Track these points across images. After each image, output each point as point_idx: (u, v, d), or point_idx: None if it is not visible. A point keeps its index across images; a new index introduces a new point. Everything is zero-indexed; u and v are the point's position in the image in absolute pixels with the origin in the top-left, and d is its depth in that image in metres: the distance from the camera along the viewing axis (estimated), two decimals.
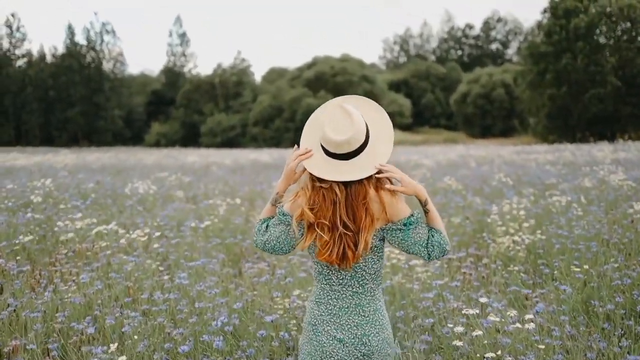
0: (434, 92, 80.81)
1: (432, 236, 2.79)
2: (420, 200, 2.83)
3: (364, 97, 2.90)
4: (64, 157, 26.41)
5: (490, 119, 70.16)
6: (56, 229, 7.61)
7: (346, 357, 2.82)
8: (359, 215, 2.74)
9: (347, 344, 2.82)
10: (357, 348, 2.82)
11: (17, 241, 6.97)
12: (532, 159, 20.49)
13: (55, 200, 10.14)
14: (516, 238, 6.93)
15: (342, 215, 2.75)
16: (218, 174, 16.60)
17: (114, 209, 9.82)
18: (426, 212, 2.85)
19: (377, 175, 2.77)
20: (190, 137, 69.49)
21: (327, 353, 2.84)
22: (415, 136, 67.29)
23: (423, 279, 5.46)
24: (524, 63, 57.42)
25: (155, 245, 6.35)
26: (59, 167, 19.44)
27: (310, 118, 2.94)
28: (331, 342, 2.83)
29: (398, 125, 71.03)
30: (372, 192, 2.76)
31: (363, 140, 2.75)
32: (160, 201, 10.71)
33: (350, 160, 2.75)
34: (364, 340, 2.82)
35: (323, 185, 2.77)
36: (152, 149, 51.04)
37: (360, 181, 2.75)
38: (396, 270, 5.92)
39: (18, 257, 6.65)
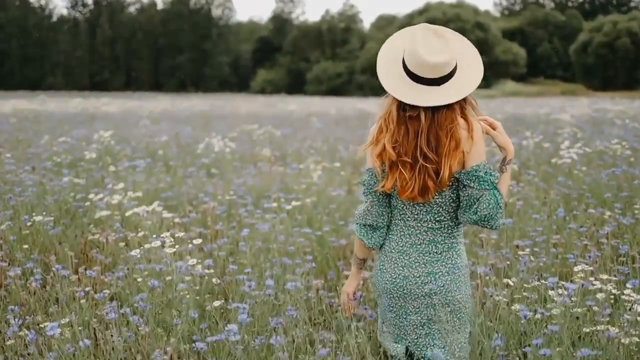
0: (551, 41, 77.29)
1: (495, 195, 2.65)
2: (505, 157, 2.76)
3: (444, 27, 2.71)
4: (156, 104, 24.95)
5: (613, 70, 67.34)
6: (87, 203, 5.69)
7: (409, 293, 2.76)
8: (442, 141, 2.62)
9: (411, 281, 2.76)
10: (420, 286, 2.75)
11: (30, 218, 5.10)
12: None
13: (113, 158, 8.31)
14: None
15: (423, 146, 2.62)
16: (317, 126, 14.28)
17: (180, 172, 7.78)
18: (502, 171, 2.75)
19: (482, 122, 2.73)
20: (295, 85, 68.89)
21: (388, 290, 2.81)
22: (530, 87, 65.26)
23: None
24: None
25: (209, 248, 4.25)
26: (143, 115, 17.75)
27: (385, 44, 2.77)
28: (394, 278, 2.79)
29: (512, 76, 70.13)
30: (460, 119, 2.65)
31: (455, 64, 2.64)
32: (239, 163, 8.64)
33: (441, 86, 2.61)
34: (429, 278, 2.75)
35: (412, 113, 2.63)
36: (256, 96, 49.86)
37: (449, 106, 2.62)
38: None
39: (26, 246, 4.79)
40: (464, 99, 2.68)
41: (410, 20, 70.89)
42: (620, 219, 5.74)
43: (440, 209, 2.75)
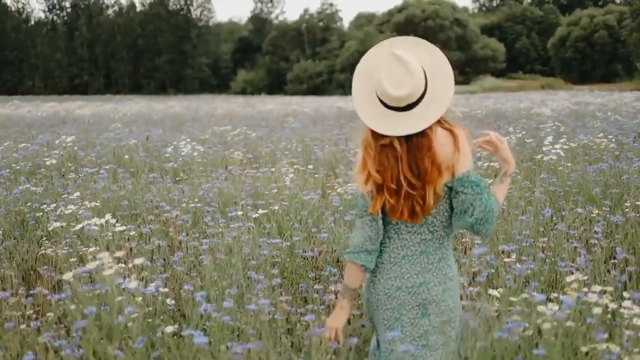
0: (530, 36, 78.25)
1: (487, 198, 2.67)
2: (506, 170, 2.83)
3: (415, 37, 2.74)
4: (131, 107, 24.37)
5: (591, 63, 67.86)
6: (40, 214, 5.25)
7: (403, 304, 2.74)
8: (423, 168, 2.62)
9: (404, 292, 2.75)
10: (414, 297, 2.74)
11: None
12: None
13: (77, 164, 7.85)
14: None
15: (405, 172, 2.63)
16: (294, 126, 13.79)
17: (146, 178, 7.28)
18: (501, 181, 2.82)
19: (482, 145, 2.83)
20: (276, 85, 68.76)
21: (382, 301, 2.78)
22: (510, 82, 65.77)
23: None
24: (635, 2, 53.41)
25: (162, 263, 3.84)
26: (116, 118, 17.19)
27: (359, 66, 2.78)
28: (387, 290, 2.77)
29: (491, 71, 71.12)
30: (441, 131, 2.64)
31: (423, 90, 2.62)
32: (209, 167, 8.18)
33: (409, 112, 2.60)
34: (422, 288, 2.74)
35: (384, 142, 2.64)
36: (236, 97, 49.36)
37: (423, 132, 2.61)
38: None
39: None
40: None
41: (389, 17, 71.25)
42: (610, 217, 5.43)
43: (435, 220, 2.74)
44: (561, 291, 4.12)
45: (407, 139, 2.61)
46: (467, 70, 68.37)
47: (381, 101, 2.63)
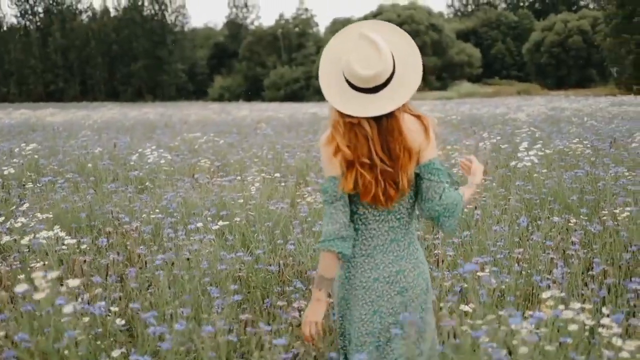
0: (505, 42, 78.42)
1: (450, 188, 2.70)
2: (473, 182, 2.91)
3: (385, 22, 2.73)
4: (104, 113, 23.91)
5: (566, 69, 68.17)
6: None
7: (381, 295, 2.72)
8: (395, 153, 2.60)
9: (382, 282, 2.73)
10: (392, 286, 2.73)
11: None
12: None
13: (38, 174, 7.52)
14: None
15: (378, 151, 2.60)
16: (267, 132, 13.47)
17: (108, 187, 6.94)
18: (468, 186, 2.89)
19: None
20: (253, 91, 68.41)
21: (360, 296, 2.74)
22: (486, 88, 66.03)
23: None
24: (608, 7, 54.03)
25: (113, 280, 3.58)
26: (86, 125, 16.77)
27: (326, 49, 2.74)
28: (364, 283, 2.74)
29: (467, 77, 71.63)
30: (409, 117, 2.65)
31: (391, 71, 2.59)
32: (177, 175, 7.88)
33: (377, 94, 2.58)
34: (399, 277, 2.73)
35: (352, 120, 2.60)
36: (213, 103, 48.97)
37: (392, 114, 2.59)
38: None
39: None
40: None
41: None
42: (587, 226, 5.26)
43: (401, 207, 2.74)
44: (537, 307, 3.93)
45: (377, 121, 2.60)
46: (443, 75, 68.70)
47: (349, 83, 2.61)
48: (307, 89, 64.07)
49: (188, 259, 4.25)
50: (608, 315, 3.03)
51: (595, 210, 5.99)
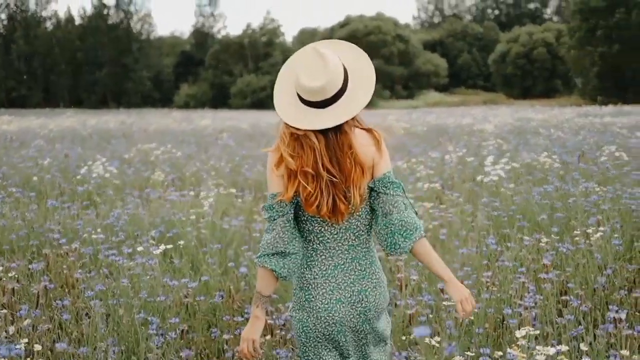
0: (471, 52, 79.18)
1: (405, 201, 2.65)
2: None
3: (343, 41, 2.73)
4: (62, 122, 23.20)
5: (531, 79, 68.68)
6: None
7: (344, 318, 2.65)
8: (346, 167, 2.56)
9: (345, 303, 2.65)
10: (355, 306, 2.66)
11: None
12: (617, 123, 16.95)
13: None
14: None
15: (325, 163, 2.54)
16: (227, 142, 13.04)
17: (51, 203, 6.45)
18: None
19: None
20: (219, 99, 68.25)
21: (322, 318, 2.65)
22: (452, 97, 67.00)
23: None
24: (572, 20, 55.28)
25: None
26: (41, 134, 16.16)
27: (285, 64, 2.75)
28: (327, 305, 2.65)
29: (434, 86, 72.33)
30: (359, 135, 2.60)
31: (340, 86, 2.56)
32: (126, 189, 7.43)
33: (326, 108, 2.56)
34: (361, 296, 2.67)
35: (298, 132, 2.56)
36: (179, 111, 48.38)
37: (340, 129, 2.56)
38: None
39: None
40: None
41: (331, 33, 71.58)
42: (559, 247, 4.98)
43: (359, 223, 2.67)
44: (508, 337, 3.62)
45: (324, 135, 2.55)
46: (410, 85, 69.17)
47: (300, 98, 2.59)
48: (273, 97, 63.81)
49: (127, 286, 3.86)
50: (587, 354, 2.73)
51: (566, 229, 5.72)
